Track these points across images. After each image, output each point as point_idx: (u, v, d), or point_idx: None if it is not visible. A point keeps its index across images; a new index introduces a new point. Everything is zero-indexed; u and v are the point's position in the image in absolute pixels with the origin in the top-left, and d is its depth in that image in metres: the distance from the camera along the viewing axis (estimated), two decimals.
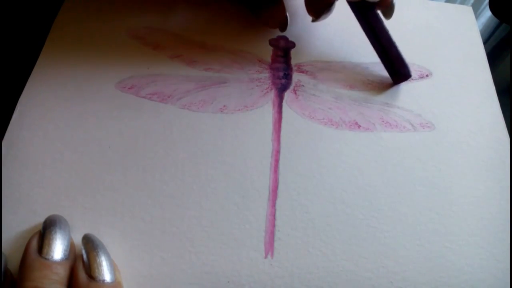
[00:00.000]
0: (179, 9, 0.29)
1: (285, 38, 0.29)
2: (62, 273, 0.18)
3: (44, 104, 0.24)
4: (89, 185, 0.22)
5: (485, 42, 0.31)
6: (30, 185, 0.22)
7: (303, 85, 0.27)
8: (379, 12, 0.26)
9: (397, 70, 0.26)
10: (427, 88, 0.28)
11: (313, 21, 0.26)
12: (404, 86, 0.28)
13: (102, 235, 0.20)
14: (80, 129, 0.24)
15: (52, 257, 0.18)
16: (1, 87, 0.27)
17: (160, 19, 0.29)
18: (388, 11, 0.26)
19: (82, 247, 0.19)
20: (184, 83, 0.26)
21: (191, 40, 0.28)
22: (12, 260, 0.19)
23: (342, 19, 0.27)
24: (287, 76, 0.27)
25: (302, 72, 0.28)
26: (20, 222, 0.20)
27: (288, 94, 0.26)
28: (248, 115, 0.25)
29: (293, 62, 0.28)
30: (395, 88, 0.27)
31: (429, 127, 0.26)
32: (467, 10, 0.32)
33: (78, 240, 0.19)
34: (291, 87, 0.27)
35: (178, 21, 0.28)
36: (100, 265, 0.18)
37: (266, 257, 0.21)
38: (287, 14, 0.26)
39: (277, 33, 0.29)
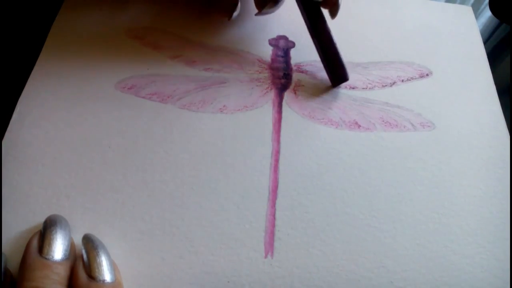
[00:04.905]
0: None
1: (285, 38, 0.29)
2: (62, 273, 0.18)
3: (44, 104, 0.24)
4: (89, 185, 0.22)
5: (485, 42, 0.31)
6: (30, 185, 0.22)
7: (303, 85, 0.27)
8: (325, 11, 0.25)
9: (335, 71, 0.26)
10: (427, 87, 0.28)
11: (256, 14, 0.26)
12: (404, 85, 0.28)
13: (102, 235, 0.20)
14: (80, 129, 0.24)
15: (53, 257, 0.18)
16: (1, 87, 0.27)
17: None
18: (334, 10, 0.25)
19: (82, 247, 0.19)
20: (184, 83, 0.26)
21: (191, 40, 0.28)
22: (12, 260, 0.19)
23: (341, 19, 0.27)
24: (287, 76, 0.27)
25: (302, 72, 0.28)
26: (20, 222, 0.20)
27: (288, 94, 0.26)
28: (248, 115, 0.25)
29: (293, 62, 0.28)
30: (395, 87, 0.27)
31: (429, 126, 0.26)
32: (467, 10, 0.32)
33: (78, 240, 0.19)
34: (291, 87, 0.27)
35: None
36: (100, 265, 0.18)
37: (266, 257, 0.21)
38: (239, 3, 0.26)
39: (277, 33, 0.29)
